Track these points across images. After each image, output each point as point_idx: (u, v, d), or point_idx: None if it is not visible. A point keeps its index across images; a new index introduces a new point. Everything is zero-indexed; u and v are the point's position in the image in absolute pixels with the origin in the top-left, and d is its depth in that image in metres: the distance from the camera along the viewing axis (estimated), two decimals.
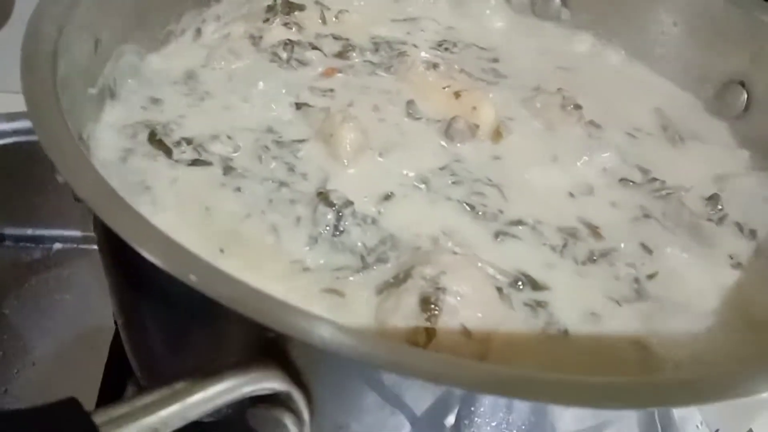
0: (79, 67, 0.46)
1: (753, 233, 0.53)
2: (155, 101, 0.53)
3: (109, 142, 0.49)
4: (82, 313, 0.70)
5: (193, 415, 0.30)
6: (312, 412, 0.33)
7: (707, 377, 0.32)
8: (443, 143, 0.55)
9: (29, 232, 0.75)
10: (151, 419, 0.29)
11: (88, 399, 0.61)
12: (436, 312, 0.40)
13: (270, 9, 0.63)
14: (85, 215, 0.80)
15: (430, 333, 0.39)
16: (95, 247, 0.76)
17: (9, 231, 0.75)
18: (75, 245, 0.76)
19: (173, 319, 0.39)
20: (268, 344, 0.30)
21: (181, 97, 0.54)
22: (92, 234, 0.77)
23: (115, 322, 0.66)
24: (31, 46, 0.40)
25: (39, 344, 0.67)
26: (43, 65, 0.39)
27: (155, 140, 0.49)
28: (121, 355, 0.66)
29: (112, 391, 0.65)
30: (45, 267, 0.74)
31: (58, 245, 0.75)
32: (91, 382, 0.63)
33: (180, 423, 0.30)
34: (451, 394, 0.30)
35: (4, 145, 0.39)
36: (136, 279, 0.39)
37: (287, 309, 0.28)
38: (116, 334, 0.66)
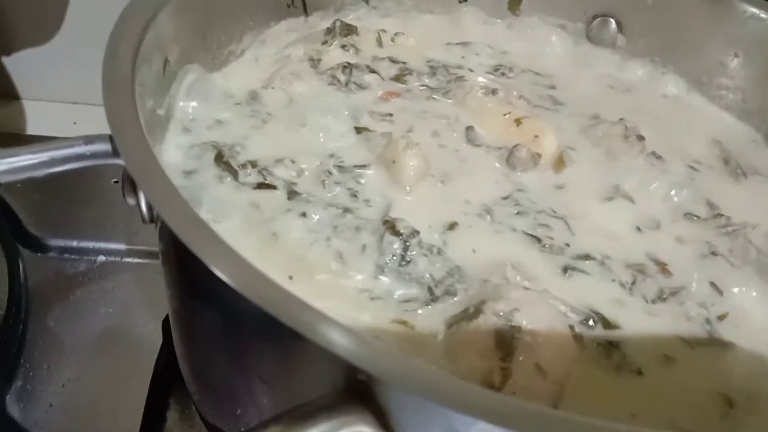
0: (150, 88, 0.46)
1: None
2: (219, 122, 0.52)
3: (174, 163, 0.48)
4: (126, 327, 0.70)
5: None
6: None
7: None
8: (504, 171, 0.54)
9: (74, 243, 0.75)
10: None
11: (133, 415, 0.62)
12: (512, 351, 0.39)
13: (329, 31, 0.62)
14: (129, 228, 0.80)
15: (506, 373, 0.38)
16: (140, 260, 0.76)
17: (54, 242, 0.75)
18: (119, 258, 0.75)
19: (248, 350, 0.38)
20: (357, 385, 0.30)
21: (245, 118, 0.53)
22: (137, 248, 0.78)
23: (167, 336, 0.65)
24: (112, 69, 0.40)
25: (83, 358, 0.67)
26: (123, 88, 0.39)
27: (222, 161, 0.48)
28: (166, 372, 0.65)
29: (156, 407, 0.64)
30: (89, 279, 0.73)
31: (102, 258, 0.75)
32: (135, 397, 0.63)
33: None
34: None
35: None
36: (211, 303, 0.38)
37: (385, 355, 0.27)
38: (161, 350, 0.66)
